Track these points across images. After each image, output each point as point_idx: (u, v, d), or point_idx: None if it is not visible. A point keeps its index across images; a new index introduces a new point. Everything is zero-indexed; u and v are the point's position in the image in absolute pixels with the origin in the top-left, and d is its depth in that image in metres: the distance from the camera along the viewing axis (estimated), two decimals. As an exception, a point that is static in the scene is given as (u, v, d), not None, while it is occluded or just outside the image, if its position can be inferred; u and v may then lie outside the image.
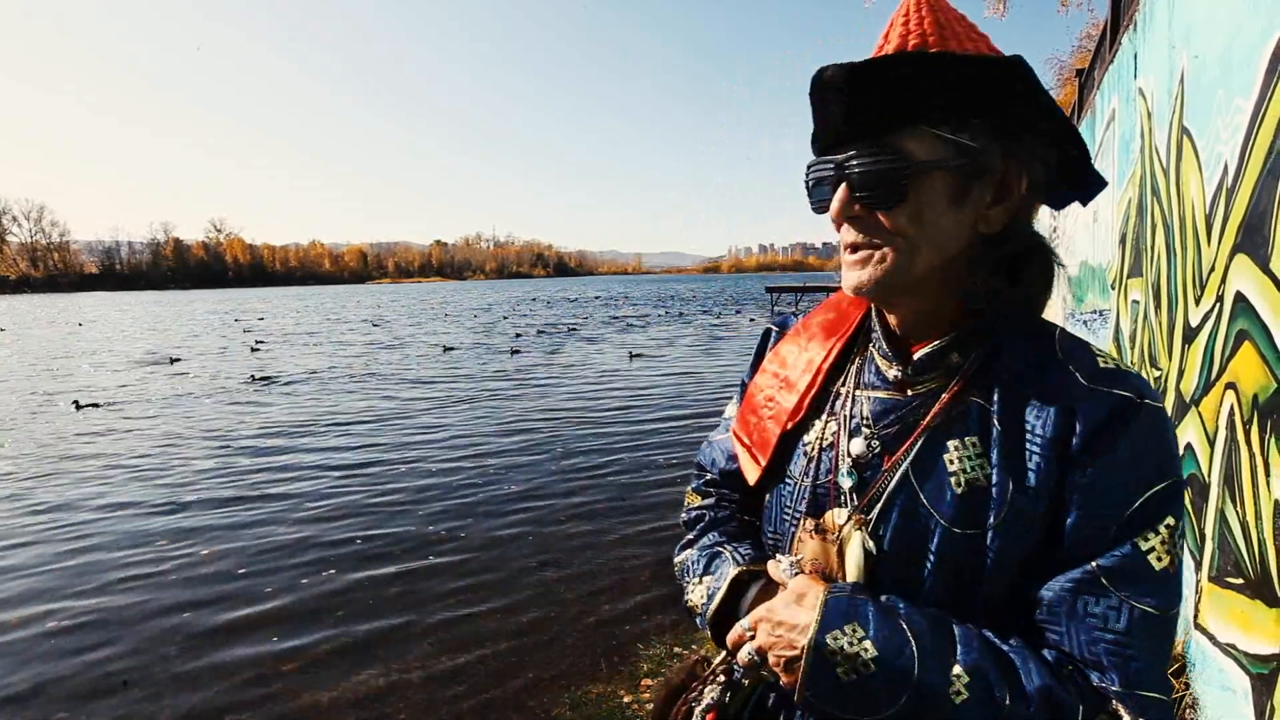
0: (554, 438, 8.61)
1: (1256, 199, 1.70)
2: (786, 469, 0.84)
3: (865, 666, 0.66)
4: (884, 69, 0.65)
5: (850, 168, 0.68)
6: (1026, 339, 0.72)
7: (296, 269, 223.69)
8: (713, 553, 0.89)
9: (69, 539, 5.55)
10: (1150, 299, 2.96)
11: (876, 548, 0.73)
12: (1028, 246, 0.73)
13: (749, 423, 0.90)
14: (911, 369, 0.75)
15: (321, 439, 8.80)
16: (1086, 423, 0.66)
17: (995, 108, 0.66)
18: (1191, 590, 2.26)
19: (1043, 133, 0.68)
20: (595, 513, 5.92)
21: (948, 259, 0.70)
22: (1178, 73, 2.49)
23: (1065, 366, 0.70)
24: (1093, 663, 0.65)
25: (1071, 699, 0.64)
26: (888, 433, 0.75)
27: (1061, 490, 0.67)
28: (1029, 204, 0.71)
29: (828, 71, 0.67)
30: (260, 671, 3.69)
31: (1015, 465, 0.68)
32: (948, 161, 0.66)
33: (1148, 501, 0.65)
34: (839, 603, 0.70)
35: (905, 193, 0.66)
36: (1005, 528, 0.67)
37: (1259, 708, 1.69)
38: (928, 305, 0.74)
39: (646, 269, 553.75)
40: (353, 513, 6.01)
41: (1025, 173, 0.69)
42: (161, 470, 7.51)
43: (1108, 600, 0.64)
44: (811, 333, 0.89)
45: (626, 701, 3.25)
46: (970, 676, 0.64)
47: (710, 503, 0.97)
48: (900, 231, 0.68)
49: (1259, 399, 1.70)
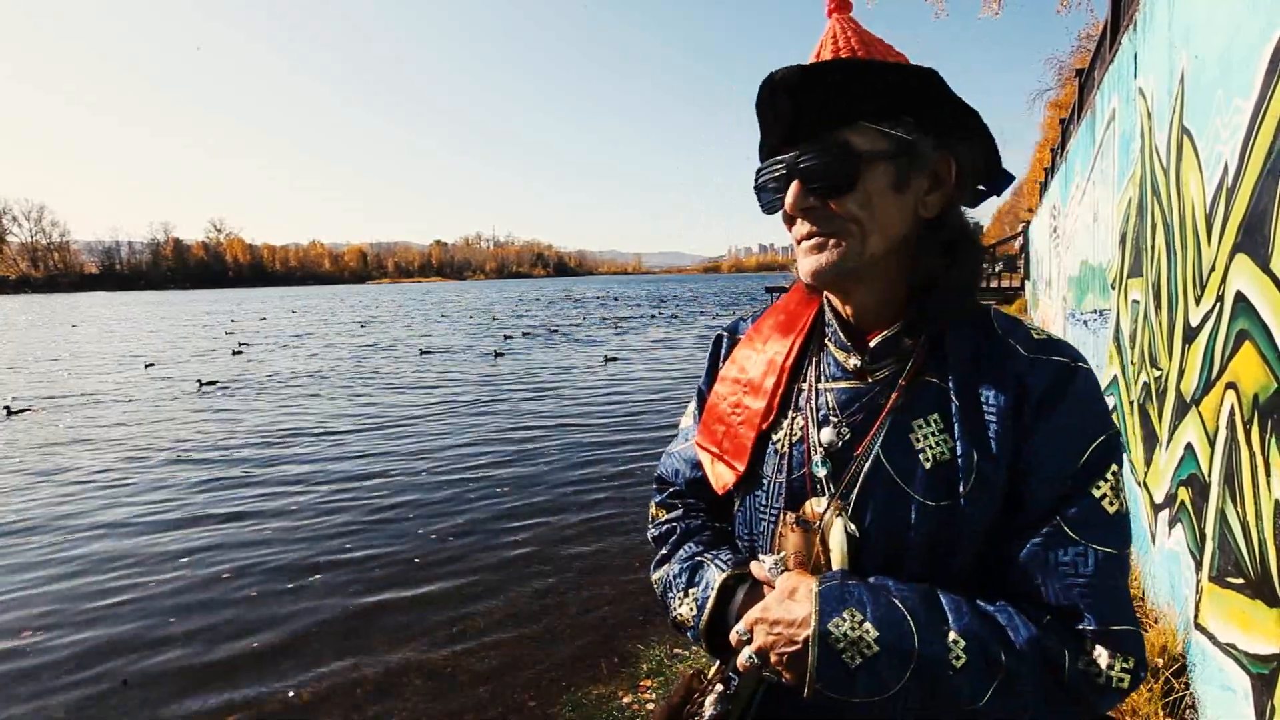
0: (551, 440, 8.61)
1: (1256, 199, 1.70)
2: (759, 470, 0.86)
3: (869, 648, 0.68)
4: (826, 72, 0.72)
5: (802, 163, 0.74)
6: (967, 320, 0.79)
7: (296, 269, 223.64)
8: (694, 564, 0.89)
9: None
10: (1150, 299, 2.96)
11: (858, 530, 0.77)
12: (962, 233, 0.80)
13: (715, 432, 0.91)
14: (869, 356, 0.80)
15: (279, 450, 8.69)
16: (1034, 389, 0.73)
17: (923, 107, 0.74)
18: (1192, 590, 2.26)
19: (965, 129, 0.76)
20: (594, 513, 5.91)
21: (895, 242, 0.77)
22: (1178, 72, 2.49)
23: (1005, 340, 0.77)
24: (1069, 609, 0.70)
25: (1057, 645, 0.69)
26: (855, 420, 0.80)
27: (1019, 453, 0.73)
28: (960, 193, 0.79)
29: (779, 74, 0.73)
30: (260, 672, 3.69)
31: (977, 435, 0.74)
32: (888, 152, 0.73)
33: (1093, 454, 0.72)
34: (832, 590, 0.72)
35: (855, 181, 0.73)
36: (974, 495, 0.73)
37: (1259, 708, 1.69)
38: (880, 291, 0.80)
39: (646, 269, 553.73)
40: (336, 521, 6.01)
41: (954, 163, 0.77)
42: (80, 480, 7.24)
43: (1075, 548, 0.70)
44: (765, 335, 0.92)
45: (627, 702, 3.24)
46: (966, 640, 0.68)
47: (678, 515, 0.98)
48: (852, 217, 0.74)
49: (1259, 399, 1.70)
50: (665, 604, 0.91)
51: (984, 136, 0.77)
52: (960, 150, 0.77)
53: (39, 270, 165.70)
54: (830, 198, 0.74)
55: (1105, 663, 0.69)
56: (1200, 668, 2.18)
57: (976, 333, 0.79)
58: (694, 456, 0.97)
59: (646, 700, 3.23)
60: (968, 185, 0.79)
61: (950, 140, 0.76)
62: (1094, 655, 0.69)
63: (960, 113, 0.75)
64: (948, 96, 0.74)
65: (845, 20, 0.78)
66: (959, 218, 0.80)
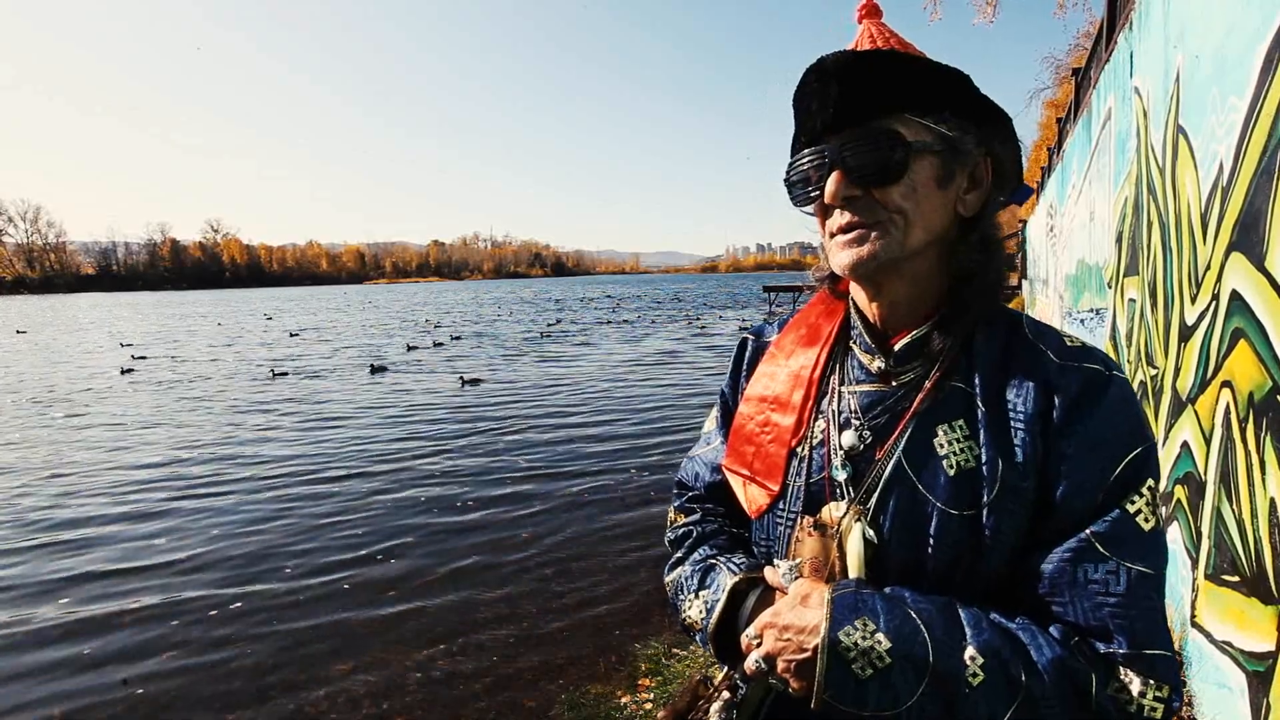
0: (549, 438, 8.62)
1: (1251, 198, 1.70)
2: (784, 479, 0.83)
3: (881, 659, 0.65)
4: (873, 60, 0.71)
5: (847, 150, 0.72)
6: (997, 325, 0.77)
7: (294, 269, 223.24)
8: (706, 566, 0.87)
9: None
10: (1147, 297, 2.97)
11: (877, 536, 0.74)
12: (995, 233, 0.79)
13: (745, 454, 0.88)
14: (894, 359, 0.78)
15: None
16: (1064, 396, 0.70)
17: (964, 105, 0.73)
18: (1188, 588, 2.26)
19: (1000, 133, 0.76)
20: (593, 513, 5.92)
21: (934, 238, 0.75)
22: (1173, 71, 2.49)
23: (1036, 346, 0.74)
24: (1099, 630, 0.66)
25: (1084, 667, 0.65)
26: (877, 423, 0.77)
27: (1047, 463, 0.70)
28: (995, 194, 0.78)
29: (830, 57, 0.72)
30: (258, 672, 3.69)
31: (1003, 443, 0.71)
32: (933, 145, 0.72)
33: (1128, 466, 0.68)
34: (846, 598, 0.69)
35: (904, 170, 0.71)
36: (999, 504, 0.69)
37: (1255, 705, 1.69)
38: (913, 288, 0.77)
39: (644, 268, 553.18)
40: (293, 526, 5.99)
41: (992, 163, 0.76)
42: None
43: (1105, 565, 0.66)
44: (789, 349, 0.90)
45: (624, 702, 3.24)
46: (984, 657, 0.64)
47: (696, 519, 0.96)
48: (896, 208, 0.72)
49: (1254, 397, 1.71)
50: (676, 606, 0.89)
51: (1015, 142, 0.77)
52: (998, 152, 0.76)
53: (35, 271, 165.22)
54: (876, 186, 0.72)
55: (1137, 689, 0.64)
56: (1197, 665, 2.18)
57: (1006, 337, 0.76)
58: (714, 460, 0.95)
59: (644, 700, 3.22)
60: (1004, 187, 0.78)
61: (988, 140, 0.75)
62: (1125, 681, 0.65)
63: (993, 115, 0.74)
64: (981, 97, 0.73)
65: (877, 24, 0.78)
66: (993, 218, 0.79)
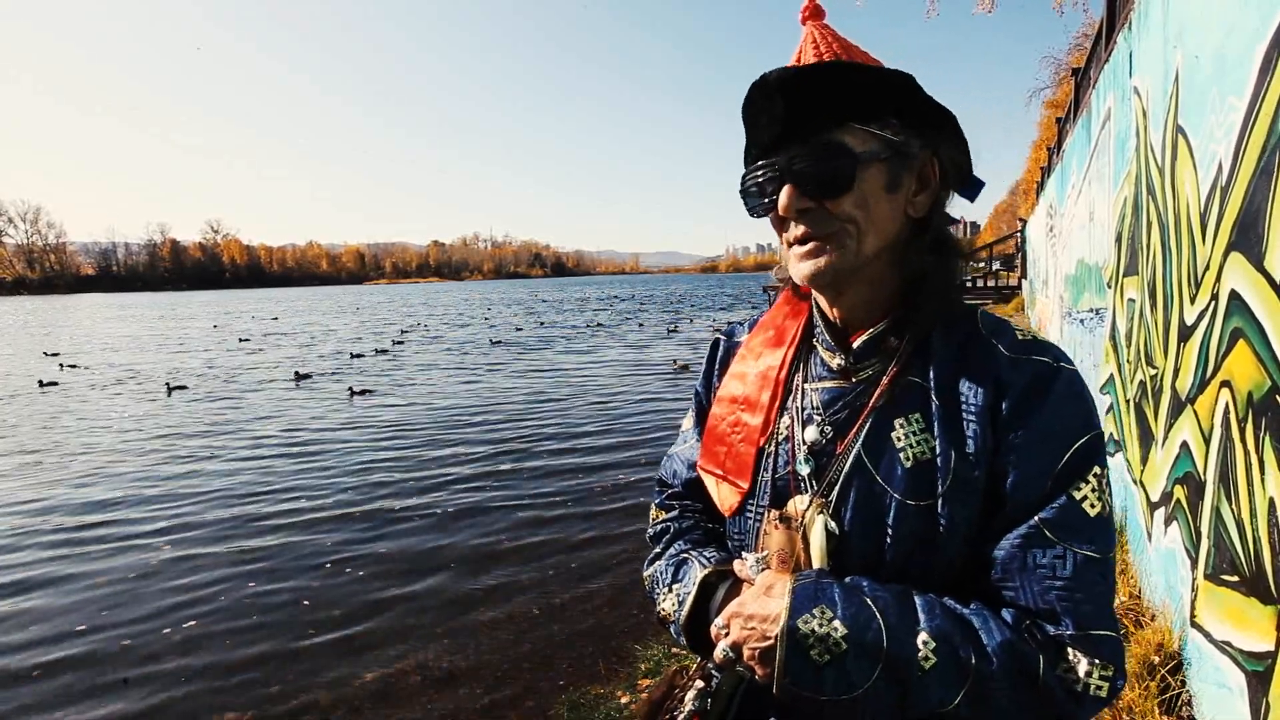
0: (547, 437, 8.62)
1: (1250, 197, 1.70)
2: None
3: (837, 645, 0.69)
4: (816, 74, 0.73)
5: (796, 164, 0.74)
6: (953, 321, 0.80)
7: (293, 270, 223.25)
8: (679, 560, 0.92)
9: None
10: (1146, 297, 2.97)
11: (838, 528, 0.77)
12: (946, 232, 0.82)
13: (718, 454, 0.92)
14: (853, 356, 0.82)
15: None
16: (1013, 388, 0.73)
17: (905, 109, 0.75)
18: (1188, 588, 2.26)
19: (944, 131, 0.77)
20: (592, 513, 5.92)
21: (888, 242, 0.77)
22: (1172, 71, 2.49)
23: (989, 341, 0.77)
24: (1046, 612, 0.69)
25: (1032, 649, 0.68)
26: (838, 418, 0.81)
27: (998, 454, 0.73)
28: (944, 194, 0.80)
29: (773, 74, 0.74)
30: (257, 673, 3.69)
31: (955, 435, 0.74)
32: (880, 153, 0.74)
33: (1075, 454, 0.71)
34: (806, 588, 0.73)
35: (853, 181, 0.73)
36: (952, 495, 0.73)
37: (1254, 705, 1.69)
38: (869, 290, 0.80)
39: (644, 269, 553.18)
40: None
41: (938, 164, 0.78)
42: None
43: (1053, 550, 0.69)
44: (757, 351, 0.94)
45: (624, 702, 3.24)
46: (936, 642, 0.68)
47: (674, 515, 1.00)
48: (849, 218, 0.74)
49: (1254, 397, 1.71)
50: (653, 599, 0.93)
51: (960, 140, 0.78)
52: (943, 151, 0.78)
53: (35, 272, 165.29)
54: (827, 198, 0.74)
55: (1083, 670, 0.67)
56: (1196, 665, 2.18)
57: (962, 333, 0.79)
58: (691, 457, 0.98)
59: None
60: (951, 185, 0.81)
61: (934, 141, 0.77)
62: (1072, 662, 0.68)
63: (938, 115, 0.76)
64: (926, 99, 0.75)
65: (820, 26, 0.80)
66: (943, 217, 0.82)
